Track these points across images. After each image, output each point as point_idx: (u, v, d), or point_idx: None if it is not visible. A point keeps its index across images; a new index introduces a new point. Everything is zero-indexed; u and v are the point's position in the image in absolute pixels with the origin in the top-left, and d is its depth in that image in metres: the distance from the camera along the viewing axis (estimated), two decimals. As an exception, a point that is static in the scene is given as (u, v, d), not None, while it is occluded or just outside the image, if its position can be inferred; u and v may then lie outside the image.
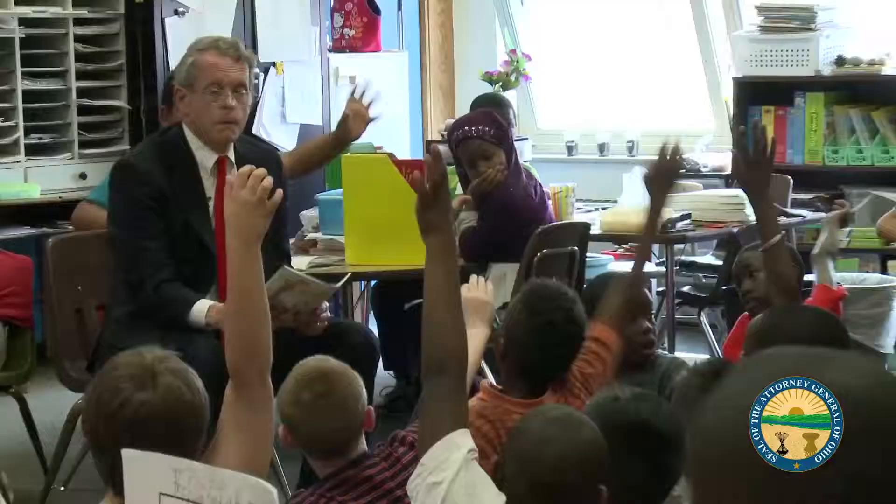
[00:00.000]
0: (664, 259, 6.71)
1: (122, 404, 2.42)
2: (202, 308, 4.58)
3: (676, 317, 6.44)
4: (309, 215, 5.99)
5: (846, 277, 6.76)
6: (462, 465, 2.77)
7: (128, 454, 2.04)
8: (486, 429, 3.44)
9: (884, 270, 7.29)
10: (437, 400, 2.87)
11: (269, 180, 2.72)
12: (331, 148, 5.95)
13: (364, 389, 3.54)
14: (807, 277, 5.07)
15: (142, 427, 2.38)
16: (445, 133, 7.91)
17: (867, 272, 7.20)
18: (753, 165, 3.96)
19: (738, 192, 6.86)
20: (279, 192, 2.73)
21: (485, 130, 5.83)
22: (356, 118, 5.79)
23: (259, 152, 4.97)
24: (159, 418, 2.40)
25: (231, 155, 4.84)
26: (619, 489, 2.81)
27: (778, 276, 3.94)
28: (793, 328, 3.41)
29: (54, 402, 5.92)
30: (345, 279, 5.01)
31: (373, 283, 6.43)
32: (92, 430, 2.52)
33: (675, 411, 2.97)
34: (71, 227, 6.26)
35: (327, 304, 4.88)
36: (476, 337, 3.59)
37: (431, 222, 2.91)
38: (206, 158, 4.80)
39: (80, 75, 7.59)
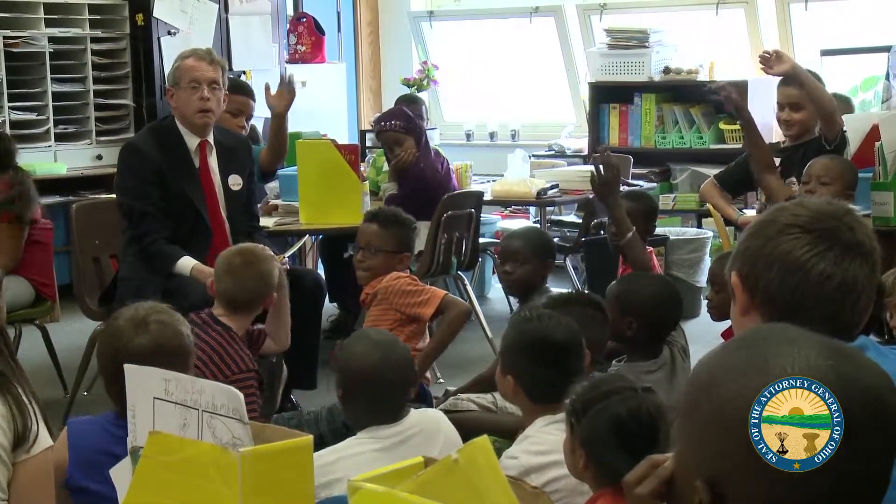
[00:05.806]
0: (539, 218, 6.71)
1: (123, 346, 2.49)
2: (186, 264, 4.44)
3: (547, 261, 6.43)
4: (272, 186, 5.93)
5: (671, 231, 6.81)
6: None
7: (128, 368, 1.99)
8: None
9: (699, 226, 7.35)
10: None
11: None
12: (273, 125, 5.75)
13: (273, 276, 3.75)
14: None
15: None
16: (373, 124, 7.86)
17: (687, 227, 7.28)
18: (603, 184, 4.08)
19: (593, 167, 6.88)
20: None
21: (395, 124, 5.79)
22: (280, 99, 5.60)
23: (232, 138, 4.85)
24: (148, 355, 2.38)
25: (210, 139, 4.71)
26: (532, 386, 2.81)
27: (635, 261, 4.01)
28: (642, 290, 3.47)
29: (79, 328, 5.93)
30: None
31: (320, 237, 6.37)
32: (102, 366, 2.58)
33: (572, 325, 2.89)
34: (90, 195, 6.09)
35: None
36: None
37: None
38: (191, 142, 4.67)
39: (96, 80, 7.54)
